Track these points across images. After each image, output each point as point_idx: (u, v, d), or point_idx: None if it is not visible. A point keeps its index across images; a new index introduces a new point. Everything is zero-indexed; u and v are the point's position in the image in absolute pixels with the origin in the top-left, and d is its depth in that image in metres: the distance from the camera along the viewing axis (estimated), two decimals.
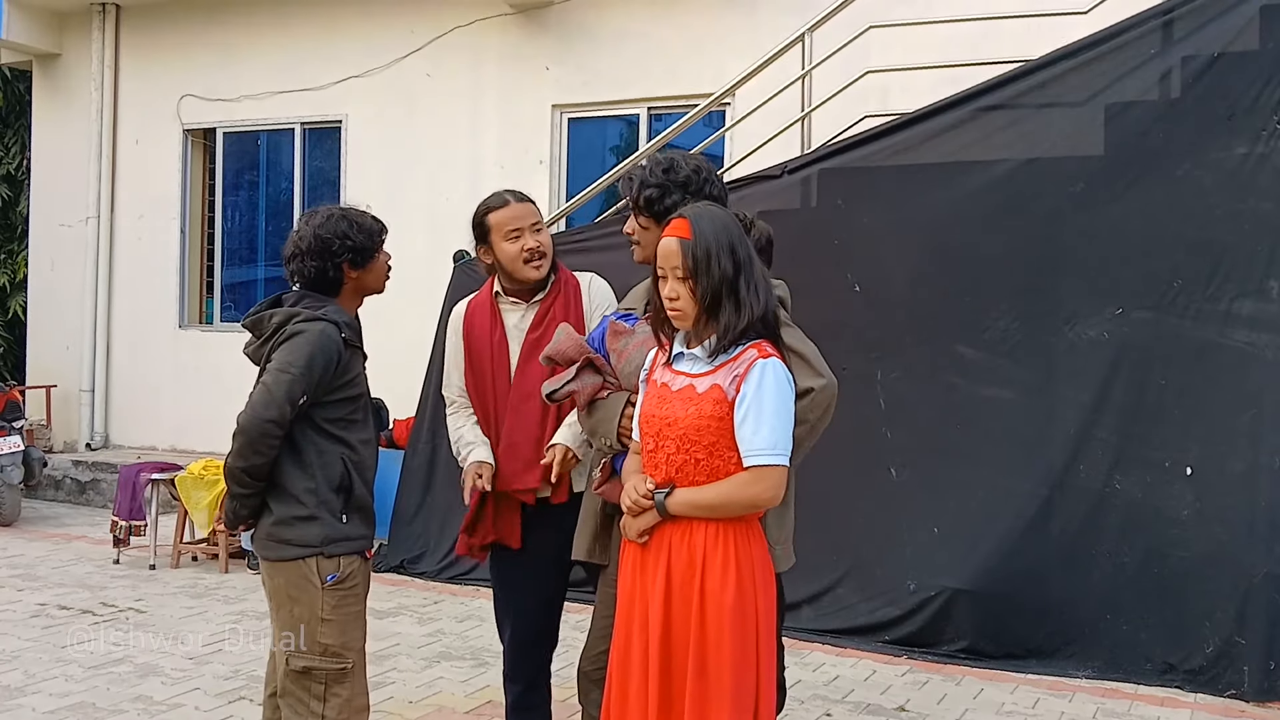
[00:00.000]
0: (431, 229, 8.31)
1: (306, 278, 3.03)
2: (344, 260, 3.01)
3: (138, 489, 6.97)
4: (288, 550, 2.92)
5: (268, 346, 2.95)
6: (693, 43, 7.67)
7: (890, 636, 5.23)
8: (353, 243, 3.00)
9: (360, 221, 3.06)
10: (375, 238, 3.08)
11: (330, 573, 2.92)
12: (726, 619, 2.36)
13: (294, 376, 2.85)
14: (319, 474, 2.94)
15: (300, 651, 2.92)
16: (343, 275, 3.04)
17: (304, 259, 3.01)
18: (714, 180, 2.92)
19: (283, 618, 2.95)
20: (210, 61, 9.51)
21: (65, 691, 4.55)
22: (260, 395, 2.87)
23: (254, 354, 3.02)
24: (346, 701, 2.96)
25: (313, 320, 2.93)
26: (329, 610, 2.92)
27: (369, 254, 3.06)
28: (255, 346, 3.01)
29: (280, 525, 2.94)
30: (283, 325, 2.93)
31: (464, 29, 8.44)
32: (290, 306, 2.99)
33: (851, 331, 5.40)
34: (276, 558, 2.94)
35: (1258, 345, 4.75)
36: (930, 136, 5.43)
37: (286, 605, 2.93)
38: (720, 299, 2.41)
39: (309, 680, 2.93)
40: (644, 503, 2.45)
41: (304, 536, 2.92)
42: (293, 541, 2.92)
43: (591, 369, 2.86)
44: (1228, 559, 4.71)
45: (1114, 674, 4.84)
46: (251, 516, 3.02)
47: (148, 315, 9.80)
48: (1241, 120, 4.80)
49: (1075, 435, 5.00)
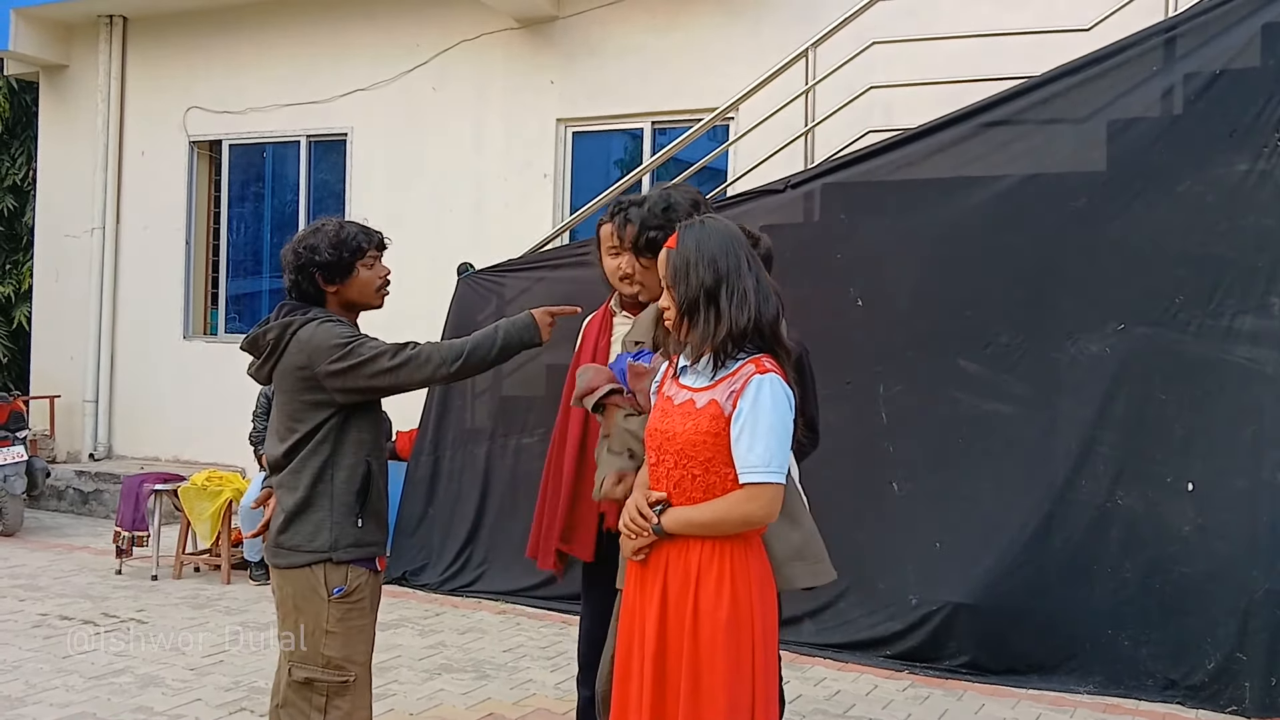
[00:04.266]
0: (436, 242, 8.34)
1: (290, 288, 3.07)
2: (315, 273, 3.01)
3: (140, 499, 6.98)
4: (297, 557, 2.93)
5: (269, 363, 2.99)
6: (697, 57, 7.70)
7: (892, 651, 5.23)
8: (320, 258, 2.99)
9: (339, 235, 3.03)
10: (352, 253, 3.03)
11: (338, 585, 2.93)
12: (720, 636, 2.35)
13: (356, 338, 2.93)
14: (341, 477, 2.96)
15: (303, 662, 2.93)
16: (318, 287, 3.04)
17: (286, 271, 3.06)
18: (708, 209, 2.99)
19: (287, 627, 2.96)
20: (216, 74, 9.55)
21: (66, 702, 4.56)
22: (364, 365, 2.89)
23: (256, 373, 3.04)
24: (346, 715, 2.96)
25: (307, 320, 2.97)
26: (333, 623, 2.93)
27: (342, 269, 3.02)
28: (257, 365, 3.03)
29: (292, 530, 2.94)
30: (281, 336, 2.96)
31: (469, 43, 8.48)
32: (277, 319, 3.01)
33: (854, 346, 5.41)
34: (286, 565, 2.95)
35: (1259, 361, 4.75)
36: (933, 152, 5.45)
37: (292, 615, 2.94)
38: (697, 308, 2.43)
39: (310, 691, 2.93)
40: (641, 524, 2.46)
41: (315, 540, 2.92)
42: (301, 547, 2.92)
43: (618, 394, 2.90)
44: (1229, 575, 4.70)
45: (1115, 689, 4.84)
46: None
47: (152, 326, 9.83)
48: (1243, 137, 4.82)
49: (1077, 450, 5.00)
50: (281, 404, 3.01)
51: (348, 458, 2.97)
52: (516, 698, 4.72)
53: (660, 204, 2.96)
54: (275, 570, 3.01)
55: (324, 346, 2.90)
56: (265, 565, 7.01)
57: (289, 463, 2.97)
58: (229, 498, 6.79)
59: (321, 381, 2.91)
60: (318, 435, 2.94)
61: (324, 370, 2.89)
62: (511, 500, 6.37)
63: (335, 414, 2.95)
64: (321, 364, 2.89)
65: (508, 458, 6.44)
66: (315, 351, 2.90)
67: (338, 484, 2.95)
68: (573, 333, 3.73)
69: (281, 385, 2.99)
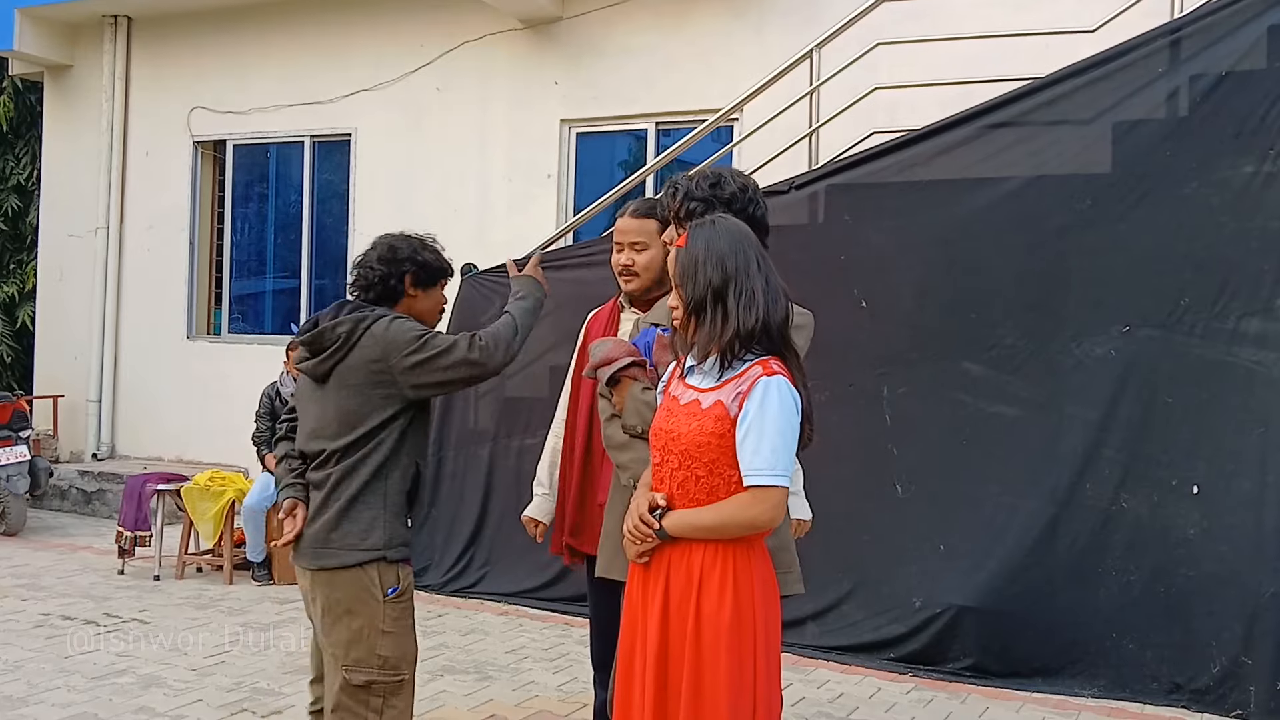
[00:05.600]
0: (440, 242, 8.33)
1: (368, 283, 3.04)
2: (408, 272, 3.06)
3: (143, 499, 6.98)
4: (349, 556, 2.87)
5: (334, 359, 2.92)
6: (701, 58, 7.69)
7: (895, 654, 5.21)
8: (421, 258, 3.08)
9: (434, 247, 3.17)
10: (444, 269, 3.17)
11: (391, 585, 2.91)
12: (723, 639, 2.33)
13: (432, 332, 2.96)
14: (396, 476, 2.94)
15: (358, 665, 2.88)
16: (403, 287, 3.06)
17: (371, 265, 3.03)
18: (759, 202, 2.93)
19: (339, 631, 2.89)
20: (221, 74, 9.56)
21: (68, 702, 4.55)
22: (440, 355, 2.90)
23: (314, 369, 2.97)
24: (401, 713, 2.95)
25: (379, 316, 2.95)
26: (389, 623, 2.90)
27: (432, 276, 3.12)
28: (318, 361, 2.95)
29: (343, 528, 2.89)
30: (354, 330, 2.91)
31: (473, 44, 8.48)
32: (347, 314, 2.96)
33: (858, 347, 5.40)
34: (336, 565, 2.88)
35: (1265, 363, 4.73)
36: (938, 153, 5.44)
37: (344, 619, 2.87)
38: (704, 308, 2.41)
39: (367, 694, 2.89)
40: (644, 530, 2.45)
41: (368, 538, 2.89)
42: (355, 545, 2.88)
43: (638, 367, 2.84)
44: (1235, 578, 4.69)
45: (1120, 693, 4.82)
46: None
47: (155, 326, 9.83)
48: (1249, 139, 4.80)
49: (1082, 453, 4.99)
50: (338, 400, 2.93)
51: (404, 457, 2.96)
52: (519, 699, 4.71)
53: (710, 178, 2.92)
54: (320, 574, 2.91)
55: (401, 340, 2.88)
56: (268, 566, 7.07)
57: (343, 460, 2.90)
58: (232, 498, 6.79)
59: (396, 376, 2.88)
60: (381, 433, 2.91)
61: (401, 363, 2.87)
62: (514, 501, 6.33)
63: (401, 412, 2.93)
64: (397, 356, 2.87)
65: (510, 459, 6.44)
66: (391, 345, 2.88)
67: (392, 483, 2.93)
68: (574, 332, 3.73)
69: (345, 381, 2.92)
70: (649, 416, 2.73)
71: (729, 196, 2.87)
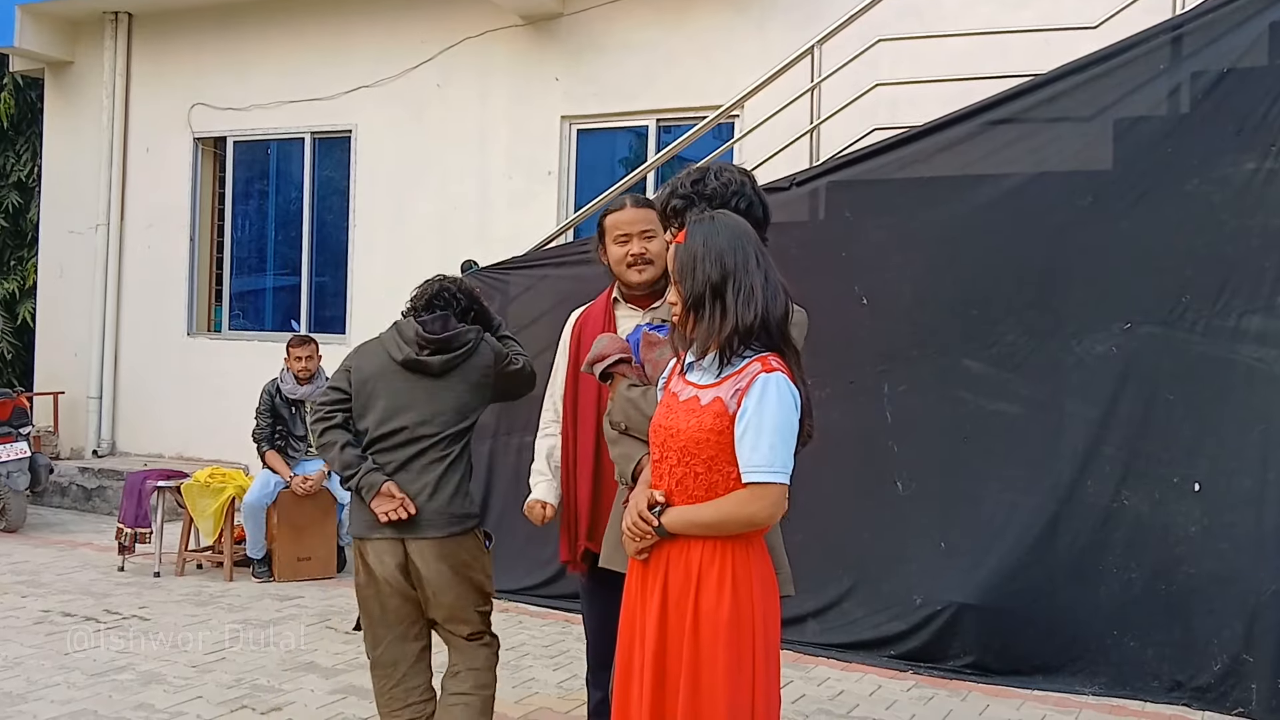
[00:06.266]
0: (440, 238, 8.34)
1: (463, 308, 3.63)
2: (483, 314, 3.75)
3: (143, 496, 6.98)
4: (470, 521, 3.49)
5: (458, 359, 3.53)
6: (702, 55, 7.68)
7: (896, 651, 5.21)
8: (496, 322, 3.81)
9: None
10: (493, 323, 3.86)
11: (487, 541, 3.58)
12: (721, 636, 2.33)
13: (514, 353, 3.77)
14: (470, 466, 3.59)
15: (484, 604, 3.57)
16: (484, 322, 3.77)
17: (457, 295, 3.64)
18: (746, 194, 2.91)
19: (460, 585, 3.46)
20: (221, 70, 9.55)
21: (67, 699, 4.55)
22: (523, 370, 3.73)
23: (439, 363, 3.50)
24: None
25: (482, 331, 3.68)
26: (490, 568, 3.60)
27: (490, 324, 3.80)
28: (445, 358, 3.50)
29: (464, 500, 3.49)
30: (478, 339, 3.60)
31: (474, 40, 8.47)
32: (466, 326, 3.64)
33: (858, 344, 5.39)
34: (463, 530, 3.46)
35: (1266, 361, 4.72)
36: (939, 150, 5.42)
37: (463, 572, 3.46)
38: (703, 304, 2.41)
39: (484, 624, 3.59)
40: (643, 527, 2.44)
41: (473, 506, 3.53)
42: (472, 513, 3.51)
43: (625, 364, 2.91)
44: (1236, 576, 4.68)
45: (1121, 691, 4.82)
46: None
47: (156, 323, 9.83)
48: (1250, 135, 4.79)
49: (1083, 450, 4.98)
50: (457, 393, 3.52)
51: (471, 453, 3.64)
52: (519, 696, 4.71)
53: (694, 175, 2.91)
54: (448, 540, 3.42)
55: (503, 352, 3.66)
56: (268, 563, 7.07)
57: (455, 442, 3.50)
58: (232, 495, 6.79)
59: (494, 380, 3.61)
60: (474, 424, 3.58)
61: (502, 370, 3.63)
62: (514, 499, 6.32)
63: (482, 408, 3.62)
64: (501, 365, 3.63)
65: (510, 455, 6.43)
66: (499, 355, 3.63)
67: (470, 464, 3.60)
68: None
69: (465, 378, 3.54)
70: (632, 413, 2.75)
71: (710, 193, 2.86)
